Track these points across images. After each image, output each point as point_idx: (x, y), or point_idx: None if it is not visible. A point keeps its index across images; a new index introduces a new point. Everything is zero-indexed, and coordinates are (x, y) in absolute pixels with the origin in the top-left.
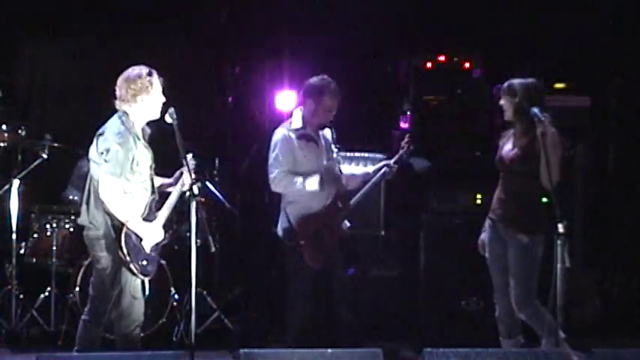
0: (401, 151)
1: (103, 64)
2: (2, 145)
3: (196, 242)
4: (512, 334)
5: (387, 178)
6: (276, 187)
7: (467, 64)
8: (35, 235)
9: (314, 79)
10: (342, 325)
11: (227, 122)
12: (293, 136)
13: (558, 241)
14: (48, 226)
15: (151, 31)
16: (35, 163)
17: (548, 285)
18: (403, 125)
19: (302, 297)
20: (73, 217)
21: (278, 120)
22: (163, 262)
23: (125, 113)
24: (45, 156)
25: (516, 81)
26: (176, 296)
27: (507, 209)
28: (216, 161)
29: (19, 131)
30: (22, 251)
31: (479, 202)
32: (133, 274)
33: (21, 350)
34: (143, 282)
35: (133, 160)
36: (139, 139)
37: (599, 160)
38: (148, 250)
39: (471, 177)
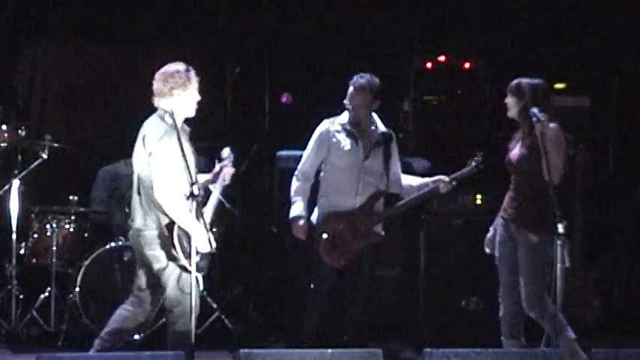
0: (465, 169)
1: (103, 64)
2: (2, 145)
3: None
4: (514, 335)
5: (437, 193)
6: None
7: (467, 65)
8: (35, 236)
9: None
10: (347, 325)
11: (227, 122)
12: (332, 129)
13: (558, 242)
14: (48, 226)
15: (151, 32)
16: (35, 163)
17: (548, 285)
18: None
19: (316, 295)
20: (73, 218)
21: (278, 120)
22: None
23: (164, 111)
24: (45, 156)
25: (524, 81)
26: None
27: (517, 209)
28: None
29: (19, 131)
30: (22, 251)
31: (479, 202)
32: (186, 270)
33: (21, 350)
34: (197, 277)
35: (181, 156)
36: (181, 136)
37: (599, 160)
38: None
39: (471, 178)
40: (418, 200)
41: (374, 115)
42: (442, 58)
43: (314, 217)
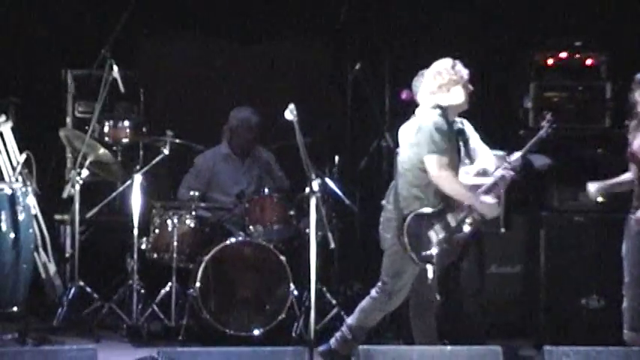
0: (541, 132)
1: (223, 60)
2: (124, 141)
3: (316, 238)
4: (635, 327)
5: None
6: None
7: (589, 61)
8: (156, 231)
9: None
10: (466, 321)
11: (347, 118)
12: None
13: None
14: (169, 222)
15: (268, 29)
16: (157, 159)
17: None
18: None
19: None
20: (193, 214)
21: (398, 116)
22: (283, 258)
23: (439, 107)
24: (166, 152)
25: None
26: (295, 292)
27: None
28: (336, 158)
29: (142, 127)
30: (143, 246)
31: (601, 199)
32: (413, 261)
33: (142, 345)
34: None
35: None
36: (452, 131)
37: None
38: (436, 239)
39: (592, 174)
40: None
41: None
42: (564, 55)
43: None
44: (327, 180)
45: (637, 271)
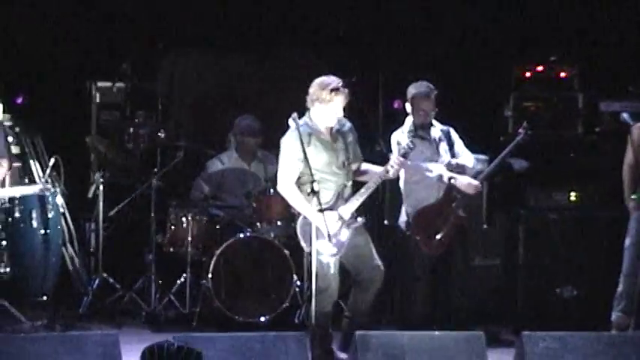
0: (518, 137)
1: (234, 72)
2: (143, 146)
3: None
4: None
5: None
6: None
7: (563, 74)
8: (172, 227)
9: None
10: (453, 309)
11: None
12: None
13: None
14: (184, 218)
15: (274, 46)
16: (173, 162)
17: None
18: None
19: (420, 282)
20: (206, 211)
21: (390, 123)
22: (286, 252)
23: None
24: (181, 156)
25: None
26: (298, 283)
27: None
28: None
29: (159, 133)
30: (160, 241)
31: (573, 198)
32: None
33: (159, 330)
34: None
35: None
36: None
37: None
38: (332, 234)
39: (565, 176)
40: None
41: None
42: (540, 68)
43: (401, 220)
44: None
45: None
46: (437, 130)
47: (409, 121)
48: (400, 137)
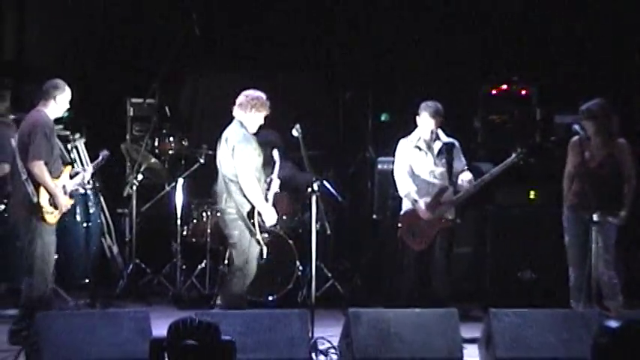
0: (509, 159)
1: (247, 88)
2: (170, 152)
3: (316, 227)
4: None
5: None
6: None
7: (523, 92)
8: (194, 221)
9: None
10: (436, 295)
11: (339, 136)
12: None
13: (593, 227)
14: (204, 214)
15: (281, 66)
16: (195, 166)
17: None
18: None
19: (406, 270)
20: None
21: (378, 134)
22: (290, 241)
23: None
24: (202, 161)
25: (591, 104)
26: (300, 267)
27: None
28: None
29: (183, 142)
30: (184, 233)
31: (532, 197)
32: (259, 244)
33: (183, 308)
34: (262, 250)
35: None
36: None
37: None
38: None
39: (526, 179)
40: (475, 189)
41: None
42: (504, 87)
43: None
44: (325, 182)
45: (610, 256)
46: (440, 142)
47: (417, 131)
48: (405, 144)
